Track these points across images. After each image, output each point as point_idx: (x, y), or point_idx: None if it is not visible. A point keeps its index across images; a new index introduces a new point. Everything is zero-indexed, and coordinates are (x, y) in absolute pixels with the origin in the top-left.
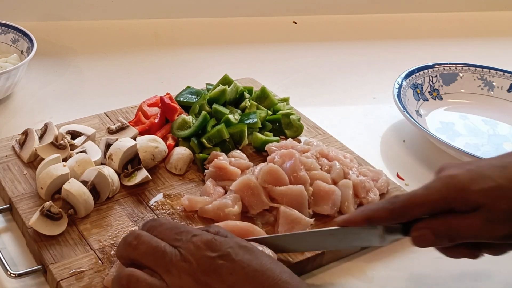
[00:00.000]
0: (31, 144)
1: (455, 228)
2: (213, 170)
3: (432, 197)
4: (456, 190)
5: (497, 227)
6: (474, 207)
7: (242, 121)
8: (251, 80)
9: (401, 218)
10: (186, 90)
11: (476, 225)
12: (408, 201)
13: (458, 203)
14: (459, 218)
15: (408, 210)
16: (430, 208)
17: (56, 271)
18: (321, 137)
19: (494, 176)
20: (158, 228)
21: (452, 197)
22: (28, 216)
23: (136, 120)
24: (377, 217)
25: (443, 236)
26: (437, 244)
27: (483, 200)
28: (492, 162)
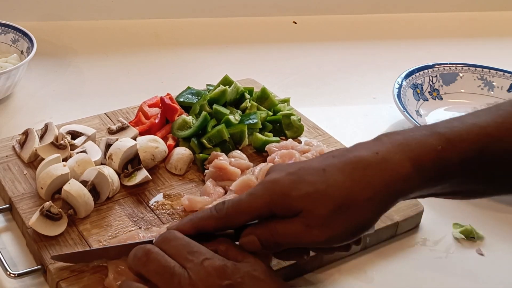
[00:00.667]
0: (31, 144)
1: (278, 234)
2: (213, 170)
3: (256, 204)
4: (277, 195)
5: (315, 232)
6: (295, 213)
7: (243, 121)
8: (251, 81)
9: (229, 226)
10: (187, 90)
11: (296, 230)
12: (232, 208)
13: (280, 209)
14: (281, 223)
15: (233, 218)
16: (255, 215)
17: (56, 271)
18: (321, 137)
19: (313, 181)
20: (172, 242)
21: (275, 203)
22: (28, 216)
23: (137, 121)
24: (205, 226)
25: (269, 242)
26: (265, 249)
27: (302, 206)
28: (313, 165)
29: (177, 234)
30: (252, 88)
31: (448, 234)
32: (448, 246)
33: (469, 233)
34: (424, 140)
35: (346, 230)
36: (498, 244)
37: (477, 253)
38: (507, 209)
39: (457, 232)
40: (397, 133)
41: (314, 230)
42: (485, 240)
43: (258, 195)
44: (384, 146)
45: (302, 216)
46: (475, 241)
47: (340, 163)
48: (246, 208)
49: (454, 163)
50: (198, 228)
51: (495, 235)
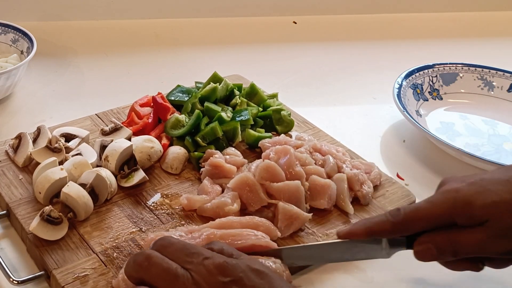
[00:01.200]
0: (25, 148)
1: (459, 243)
2: (209, 168)
3: (436, 211)
4: (460, 204)
5: (501, 242)
6: (479, 222)
7: (235, 118)
8: (238, 77)
9: (404, 232)
10: (177, 88)
11: (480, 240)
12: (411, 214)
13: (463, 218)
14: (463, 233)
15: (411, 224)
16: (434, 223)
17: (60, 276)
18: (311, 131)
19: (498, 191)
20: (168, 248)
21: (457, 212)
22: (27, 221)
23: (129, 121)
24: (380, 230)
25: (446, 251)
26: (440, 258)
27: (488, 215)
28: (495, 176)
29: (171, 239)
30: (241, 84)
31: None
32: None
33: None
34: None
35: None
36: None
37: None
38: None
39: None
40: None
41: (500, 240)
42: None
43: (439, 202)
44: None
45: (487, 226)
46: None
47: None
48: (426, 215)
49: None
50: (372, 232)
51: None
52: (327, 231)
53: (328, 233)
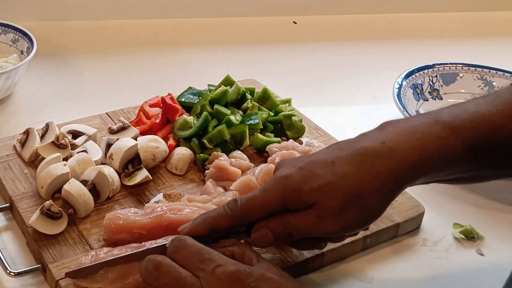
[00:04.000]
0: (32, 143)
1: (291, 226)
2: (214, 170)
3: (269, 199)
4: (290, 190)
5: (328, 223)
6: (308, 206)
7: (244, 122)
8: (253, 81)
9: (243, 222)
10: (188, 90)
11: (309, 222)
12: (247, 205)
13: (293, 203)
14: (293, 216)
15: (249, 215)
16: (269, 210)
17: (55, 270)
18: (322, 138)
19: (324, 174)
20: (183, 251)
21: (287, 199)
22: (28, 215)
23: (137, 120)
24: (219, 225)
25: (281, 234)
26: (277, 242)
27: (314, 198)
28: (321, 158)
29: (187, 242)
30: (254, 88)
31: (448, 234)
32: (448, 246)
33: (469, 233)
34: (428, 129)
35: (357, 219)
36: (498, 244)
37: (477, 253)
38: (507, 209)
39: (457, 232)
40: (402, 122)
41: (327, 222)
42: (485, 240)
43: (272, 191)
44: (390, 136)
45: (315, 208)
46: (475, 241)
47: (348, 155)
48: (261, 204)
49: (458, 150)
50: (212, 228)
51: (495, 235)
52: None
53: None
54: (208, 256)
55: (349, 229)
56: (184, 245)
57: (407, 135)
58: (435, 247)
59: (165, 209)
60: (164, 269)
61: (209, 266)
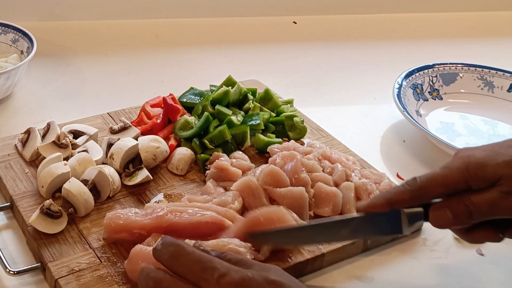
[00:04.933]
0: (33, 142)
1: (473, 204)
2: (214, 171)
3: (452, 175)
4: (473, 167)
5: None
6: (492, 182)
7: (245, 122)
8: (255, 82)
9: (423, 199)
10: (190, 91)
11: (493, 199)
12: (428, 181)
13: (476, 180)
14: (476, 194)
15: (429, 190)
16: (450, 187)
17: (55, 269)
18: (324, 139)
19: (509, 153)
20: (181, 259)
21: (470, 175)
22: (28, 214)
23: (139, 120)
24: (399, 200)
25: (461, 213)
26: (455, 223)
27: (501, 173)
28: (504, 144)
29: (185, 249)
30: (255, 89)
31: (448, 234)
32: (448, 246)
33: None
34: None
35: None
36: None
37: (477, 253)
38: None
39: None
40: None
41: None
42: None
43: (454, 167)
44: None
45: (500, 184)
46: None
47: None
48: (442, 180)
49: None
50: (392, 202)
51: None
52: None
53: None
54: (209, 264)
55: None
56: (181, 252)
57: None
58: (435, 247)
59: (166, 210)
60: (165, 284)
61: (212, 276)
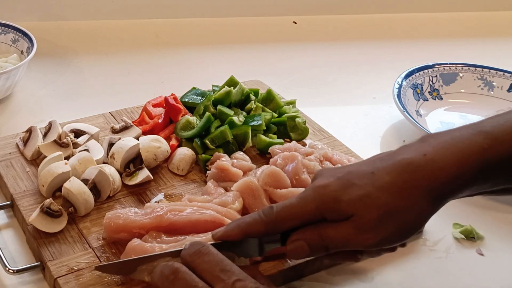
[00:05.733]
0: (34, 141)
1: (328, 238)
2: (215, 171)
3: (306, 207)
4: (328, 200)
5: (366, 236)
6: (346, 217)
7: (247, 123)
8: (257, 82)
9: (278, 230)
10: (192, 91)
11: (347, 234)
12: (283, 213)
13: (331, 213)
14: (331, 227)
15: (283, 222)
16: (305, 219)
17: (54, 268)
18: (326, 140)
19: (363, 184)
20: (204, 257)
21: (325, 208)
22: (28, 213)
23: (140, 120)
24: (254, 231)
25: (317, 246)
26: (313, 254)
27: (353, 210)
28: (361, 168)
29: (211, 249)
30: (258, 89)
31: (448, 234)
32: (448, 246)
33: (469, 233)
34: (470, 139)
35: (396, 232)
36: (498, 244)
37: (477, 253)
38: (507, 209)
39: (457, 232)
40: (443, 134)
41: (365, 234)
42: (485, 240)
43: (309, 199)
44: (431, 148)
45: (353, 220)
46: (475, 241)
47: (389, 166)
48: (297, 212)
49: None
50: (246, 233)
51: (495, 235)
52: None
53: None
54: (229, 268)
55: (388, 242)
56: (207, 251)
57: (449, 146)
58: (435, 247)
59: (166, 209)
60: (181, 275)
61: (230, 278)
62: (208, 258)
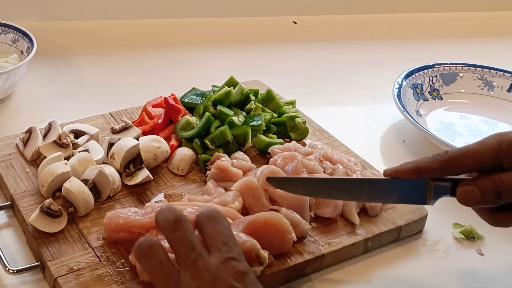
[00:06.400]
0: (34, 142)
1: (501, 183)
2: (215, 171)
3: (484, 150)
4: (508, 144)
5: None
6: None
7: (246, 123)
8: (257, 83)
9: (452, 170)
10: (192, 91)
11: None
12: (460, 153)
13: (509, 157)
14: (506, 173)
15: (459, 162)
16: (481, 162)
17: (54, 268)
18: (326, 140)
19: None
20: (214, 223)
21: (504, 151)
22: (28, 213)
23: (140, 120)
24: (428, 168)
25: (490, 192)
26: (482, 202)
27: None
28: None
29: (224, 221)
30: (257, 89)
31: (448, 234)
32: (448, 246)
33: (469, 233)
34: None
35: None
36: (498, 244)
37: (477, 253)
38: None
39: (457, 232)
40: None
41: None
42: (485, 240)
43: (487, 142)
44: None
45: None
46: (475, 241)
47: None
48: (474, 153)
49: None
50: (420, 170)
51: (495, 235)
52: (329, 240)
53: (330, 242)
54: (232, 244)
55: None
56: (220, 221)
57: None
58: (435, 247)
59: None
60: (183, 226)
61: (227, 253)
62: (218, 227)
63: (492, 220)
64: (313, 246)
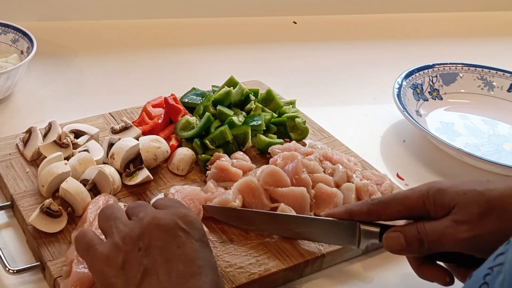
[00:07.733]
0: (34, 142)
1: (424, 231)
2: (215, 171)
3: (412, 196)
4: (434, 191)
5: (462, 228)
6: (448, 210)
7: (246, 123)
8: (257, 83)
9: (381, 214)
10: (192, 91)
11: (444, 226)
12: (389, 197)
13: (434, 204)
14: (430, 222)
15: (388, 206)
16: (409, 207)
17: (54, 268)
18: (326, 140)
19: (473, 184)
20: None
21: (430, 199)
22: (28, 213)
23: (140, 121)
24: (357, 211)
25: (413, 240)
26: (407, 250)
27: (455, 201)
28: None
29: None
30: (257, 89)
31: None
32: None
33: None
34: None
35: (494, 232)
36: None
37: None
38: None
39: None
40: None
41: (462, 226)
42: None
43: (416, 189)
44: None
45: (453, 212)
46: None
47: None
48: (401, 199)
49: None
50: (351, 213)
51: None
52: None
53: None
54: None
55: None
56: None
57: None
58: None
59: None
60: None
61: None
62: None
63: (418, 272)
64: (313, 246)
